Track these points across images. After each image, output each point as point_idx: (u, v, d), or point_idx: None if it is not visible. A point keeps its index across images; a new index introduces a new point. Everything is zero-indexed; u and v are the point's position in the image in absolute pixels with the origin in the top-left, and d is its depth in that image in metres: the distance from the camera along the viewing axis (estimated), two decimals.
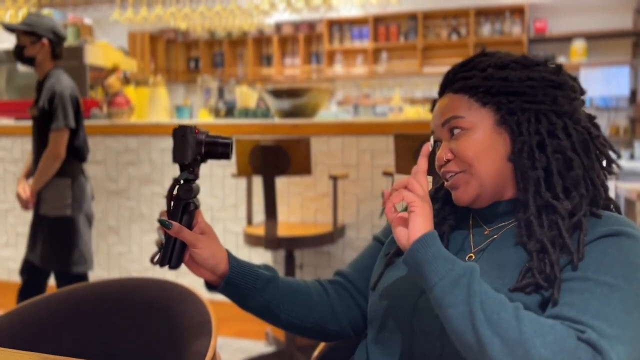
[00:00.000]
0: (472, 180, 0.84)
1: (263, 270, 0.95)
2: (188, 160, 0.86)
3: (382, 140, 2.65)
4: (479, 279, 0.71)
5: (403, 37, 6.21)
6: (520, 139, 0.81)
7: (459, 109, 0.85)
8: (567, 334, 0.66)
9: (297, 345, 2.48)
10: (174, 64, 7.10)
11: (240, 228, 2.86)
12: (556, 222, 0.77)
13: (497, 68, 0.85)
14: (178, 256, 0.91)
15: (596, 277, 0.72)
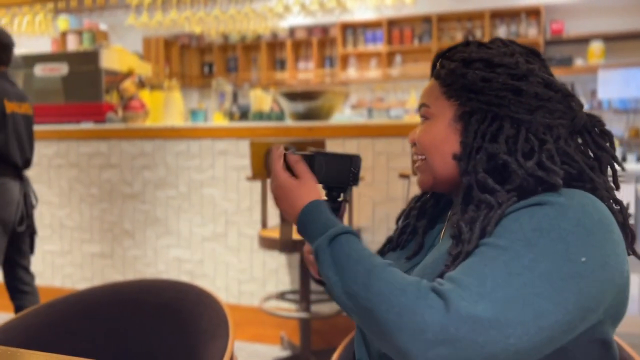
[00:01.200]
0: (427, 170, 0.88)
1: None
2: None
3: (397, 143, 2.62)
4: (344, 242, 0.77)
5: (417, 40, 6.18)
6: (464, 141, 0.82)
7: (429, 97, 0.89)
8: (417, 291, 0.68)
9: (313, 350, 2.45)
10: (188, 69, 7.14)
11: (254, 231, 2.85)
12: (479, 207, 0.78)
13: (463, 63, 0.85)
14: None
15: (493, 241, 0.72)
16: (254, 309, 2.80)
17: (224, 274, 2.93)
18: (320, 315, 2.57)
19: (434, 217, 0.95)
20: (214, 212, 2.94)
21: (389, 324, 0.67)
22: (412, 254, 0.92)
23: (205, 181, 2.95)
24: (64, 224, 3.24)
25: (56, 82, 3.25)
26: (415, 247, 0.92)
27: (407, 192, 2.46)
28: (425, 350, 0.65)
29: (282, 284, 2.83)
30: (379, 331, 0.69)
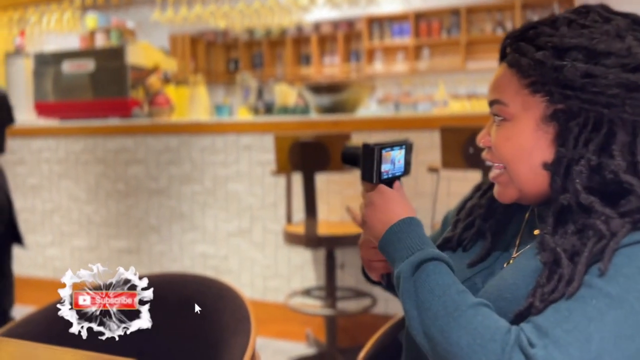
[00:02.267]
0: (511, 183, 0.74)
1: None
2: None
3: (426, 136, 2.54)
4: (430, 272, 0.68)
5: (445, 32, 6.06)
6: (560, 151, 0.67)
7: (505, 92, 0.72)
8: (500, 351, 0.59)
9: (339, 347, 2.40)
10: (214, 65, 7.16)
11: (279, 227, 2.81)
12: (582, 233, 0.65)
13: (555, 51, 0.68)
14: None
15: (602, 286, 0.60)
16: (279, 305, 2.76)
17: (249, 269, 2.91)
18: (347, 313, 2.52)
19: (505, 216, 0.81)
20: (238, 208, 2.92)
21: None
22: (477, 260, 0.79)
23: (230, 176, 2.93)
24: (91, 219, 3.27)
25: (83, 78, 3.27)
26: (482, 252, 0.79)
27: (436, 186, 2.39)
28: None
29: (307, 281, 2.79)
30: None
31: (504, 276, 0.71)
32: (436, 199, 2.45)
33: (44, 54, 3.38)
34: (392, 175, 0.81)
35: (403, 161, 0.83)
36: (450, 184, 2.51)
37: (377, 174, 0.79)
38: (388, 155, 0.79)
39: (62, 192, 3.33)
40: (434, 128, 2.50)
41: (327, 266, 2.37)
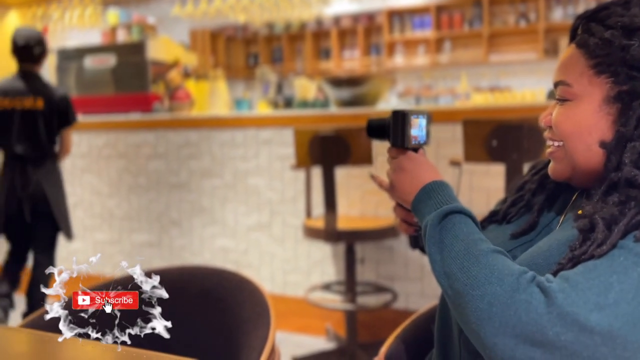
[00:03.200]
0: (565, 159, 0.75)
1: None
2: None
3: (447, 129, 2.50)
4: (456, 222, 0.71)
5: (467, 24, 5.96)
6: (621, 130, 0.68)
7: (570, 73, 0.73)
8: (515, 282, 0.60)
9: (359, 342, 2.39)
10: (234, 60, 7.17)
11: (299, 222, 2.80)
12: (625, 204, 0.65)
13: (624, 31, 0.68)
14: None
15: (633, 247, 0.61)
16: (299, 299, 2.76)
17: (268, 264, 2.91)
18: (367, 308, 2.50)
19: (554, 195, 0.82)
20: (258, 202, 2.91)
21: (478, 312, 0.61)
22: (520, 232, 0.80)
23: (249, 170, 2.93)
24: (113, 213, 3.30)
25: (105, 73, 3.30)
26: (526, 226, 0.79)
27: (458, 180, 2.34)
28: (513, 347, 0.58)
29: (327, 275, 2.78)
30: (468, 320, 0.63)
31: (540, 245, 0.73)
32: (458, 193, 2.40)
33: (66, 50, 3.42)
34: (418, 143, 0.84)
35: (425, 130, 0.86)
36: (472, 178, 2.46)
37: (408, 138, 0.82)
38: (416, 121, 0.83)
39: (85, 186, 3.37)
40: (455, 121, 2.46)
41: (347, 261, 2.35)
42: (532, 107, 2.39)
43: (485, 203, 2.44)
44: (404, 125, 0.82)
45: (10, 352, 0.76)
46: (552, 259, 0.67)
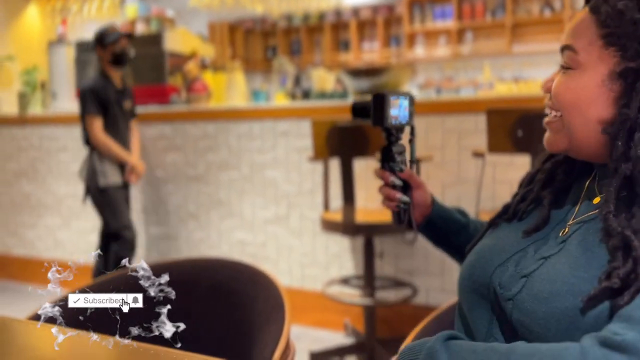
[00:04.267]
0: (563, 130, 0.71)
1: (459, 216, 0.97)
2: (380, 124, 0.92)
3: (470, 120, 2.43)
4: (460, 342, 0.62)
5: (490, 14, 5.83)
6: (624, 112, 0.63)
7: (579, 39, 0.69)
8: (580, 355, 0.52)
9: (378, 337, 2.34)
10: (252, 53, 7.15)
11: (317, 215, 2.76)
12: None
13: (638, 3, 0.64)
14: (412, 213, 0.96)
15: None
16: (317, 293, 2.72)
17: (286, 257, 2.87)
18: (386, 303, 2.45)
19: (565, 186, 0.77)
20: (276, 194, 2.88)
21: None
22: (532, 229, 0.74)
23: (267, 163, 2.89)
24: (131, 205, 3.30)
25: None
26: (538, 221, 0.74)
27: (481, 172, 2.27)
28: None
29: (345, 269, 2.73)
30: None
31: (560, 258, 0.66)
32: (481, 185, 2.33)
33: (85, 42, 3.42)
34: (399, 122, 0.91)
35: (408, 111, 0.93)
36: (496, 169, 2.39)
37: (387, 118, 0.89)
38: (396, 102, 0.90)
39: None
40: (478, 112, 2.39)
41: (365, 255, 2.30)
42: None
43: (508, 196, 2.36)
44: (382, 106, 0.89)
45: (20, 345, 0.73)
46: (574, 281, 0.61)
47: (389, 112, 0.89)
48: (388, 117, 0.89)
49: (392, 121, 0.90)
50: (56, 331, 0.83)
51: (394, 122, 0.90)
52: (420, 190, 0.95)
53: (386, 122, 0.89)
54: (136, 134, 2.92)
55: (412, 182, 0.94)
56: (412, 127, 0.95)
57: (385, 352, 2.22)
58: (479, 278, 0.74)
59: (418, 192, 0.94)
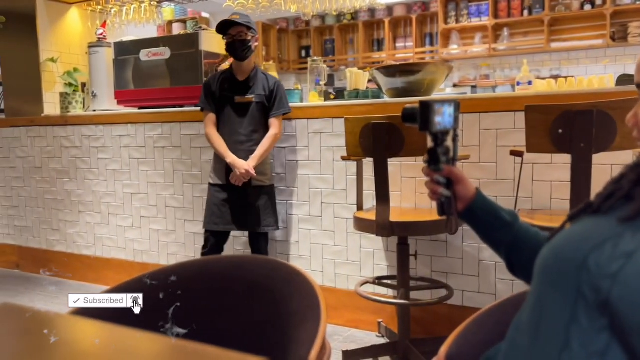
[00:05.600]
0: None
1: (504, 214, 1.04)
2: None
3: (508, 118, 2.37)
4: None
5: (527, 11, 5.69)
6: None
7: None
8: None
9: (412, 338, 2.31)
10: (286, 53, 7.18)
11: (350, 214, 2.75)
12: None
13: None
14: (454, 205, 1.05)
15: None
16: (350, 292, 2.71)
17: (319, 256, 2.87)
18: (421, 303, 2.43)
19: None
20: (309, 193, 2.88)
21: None
22: (630, 215, 0.72)
23: (300, 162, 2.90)
24: (168, 203, 3.36)
25: (160, 66, 3.35)
26: (635, 210, 0.73)
27: (520, 171, 2.22)
28: None
29: (378, 269, 2.71)
30: None
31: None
32: (519, 185, 2.28)
33: (123, 43, 3.50)
34: (444, 127, 0.99)
35: (453, 116, 1.00)
36: (534, 168, 2.33)
37: (433, 124, 0.96)
38: (440, 109, 0.97)
39: (141, 177, 3.45)
40: (517, 110, 2.33)
41: (399, 255, 2.28)
42: (602, 92, 2.22)
43: (547, 196, 2.31)
44: (428, 113, 0.96)
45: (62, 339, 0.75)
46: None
47: (434, 119, 0.96)
48: (433, 123, 0.97)
49: (437, 127, 0.97)
50: (96, 325, 0.85)
51: (439, 128, 0.98)
52: (461, 184, 1.04)
53: (432, 127, 0.97)
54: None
55: (453, 177, 1.03)
56: (455, 129, 1.02)
57: (419, 352, 2.19)
58: (568, 259, 0.74)
59: (460, 186, 1.04)
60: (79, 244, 3.74)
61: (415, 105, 0.98)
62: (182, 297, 1.15)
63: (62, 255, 3.81)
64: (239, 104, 2.68)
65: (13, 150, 4.02)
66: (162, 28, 6.39)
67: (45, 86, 3.90)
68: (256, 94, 2.66)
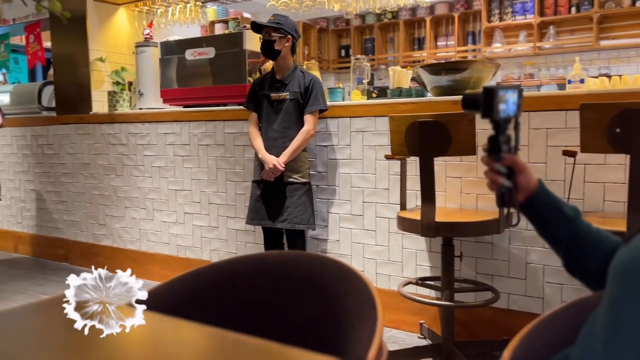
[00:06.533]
0: None
1: (567, 209, 1.01)
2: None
3: (559, 117, 2.30)
4: None
5: (575, 8, 5.52)
6: None
7: None
8: None
9: (455, 341, 2.27)
10: (326, 53, 7.18)
11: (392, 214, 2.72)
12: None
13: None
14: (514, 196, 1.03)
15: None
16: (391, 293, 2.68)
17: (360, 255, 2.86)
18: (466, 305, 2.38)
19: None
20: (350, 192, 2.87)
21: None
22: None
23: (341, 160, 2.89)
24: (211, 200, 3.41)
25: (204, 65, 3.41)
26: None
27: (572, 172, 2.15)
28: None
29: (420, 269, 2.68)
30: None
31: None
32: (570, 187, 2.21)
33: (169, 42, 3.57)
34: (507, 115, 0.97)
35: (516, 104, 0.98)
36: (587, 169, 2.25)
37: (496, 111, 0.95)
38: (504, 96, 0.96)
39: (185, 174, 3.51)
40: (568, 108, 2.26)
41: (444, 256, 2.24)
42: None
43: (600, 198, 2.23)
44: (492, 100, 0.94)
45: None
46: None
47: (498, 106, 0.94)
48: (497, 110, 0.94)
49: (500, 114, 0.95)
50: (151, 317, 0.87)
51: (502, 115, 0.96)
52: (523, 174, 1.00)
53: (495, 114, 0.95)
54: None
55: (515, 167, 0.99)
56: (517, 117, 0.99)
57: (463, 356, 2.15)
58: None
59: (521, 176, 1.00)
60: (124, 238, 3.84)
61: (477, 91, 0.97)
62: (233, 291, 1.16)
63: (108, 249, 3.92)
64: (274, 101, 2.74)
65: (63, 147, 4.16)
66: (205, 28, 6.49)
67: (93, 85, 4.02)
68: (291, 91, 2.70)
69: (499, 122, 0.97)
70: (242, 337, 0.78)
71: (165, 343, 0.80)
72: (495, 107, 0.94)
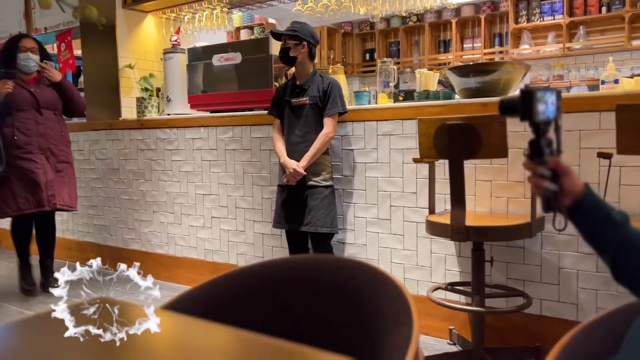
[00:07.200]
0: None
1: (615, 213, 0.98)
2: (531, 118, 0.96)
3: (592, 118, 2.25)
4: None
5: (605, 7, 5.40)
6: None
7: None
8: None
9: (486, 347, 2.23)
10: (350, 57, 7.18)
11: (420, 217, 2.69)
12: None
13: None
14: (560, 200, 1.01)
15: None
16: (420, 298, 2.65)
17: (387, 260, 2.83)
18: (497, 311, 2.34)
19: None
20: (377, 196, 2.85)
21: None
22: None
23: (368, 164, 2.87)
24: (238, 204, 3.43)
25: (230, 70, 3.43)
26: None
27: (607, 174, 2.10)
28: None
29: (449, 274, 2.64)
30: None
31: None
32: (605, 189, 2.15)
33: (196, 48, 3.61)
34: (547, 117, 0.95)
35: (556, 105, 0.96)
36: (622, 172, 2.19)
37: (536, 113, 0.93)
38: (542, 97, 0.94)
39: (212, 179, 3.54)
40: (602, 110, 2.21)
41: (475, 260, 2.21)
42: None
43: (637, 201, 2.16)
44: (530, 102, 0.92)
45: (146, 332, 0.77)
46: None
47: (536, 108, 0.93)
48: (536, 112, 0.93)
49: (539, 116, 0.93)
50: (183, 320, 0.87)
51: (542, 117, 0.94)
52: (568, 177, 0.98)
53: (534, 117, 0.93)
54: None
55: (559, 170, 0.98)
56: (557, 120, 0.97)
57: None
58: None
59: (566, 179, 0.98)
60: (152, 242, 3.88)
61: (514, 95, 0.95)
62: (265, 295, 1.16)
63: (137, 253, 3.97)
64: (295, 107, 2.77)
65: (93, 153, 4.24)
66: (230, 34, 6.56)
67: (122, 91, 4.09)
68: (310, 95, 2.73)
69: (539, 125, 0.95)
70: (275, 341, 0.78)
71: (198, 347, 0.80)
72: (534, 109, 0.93)
